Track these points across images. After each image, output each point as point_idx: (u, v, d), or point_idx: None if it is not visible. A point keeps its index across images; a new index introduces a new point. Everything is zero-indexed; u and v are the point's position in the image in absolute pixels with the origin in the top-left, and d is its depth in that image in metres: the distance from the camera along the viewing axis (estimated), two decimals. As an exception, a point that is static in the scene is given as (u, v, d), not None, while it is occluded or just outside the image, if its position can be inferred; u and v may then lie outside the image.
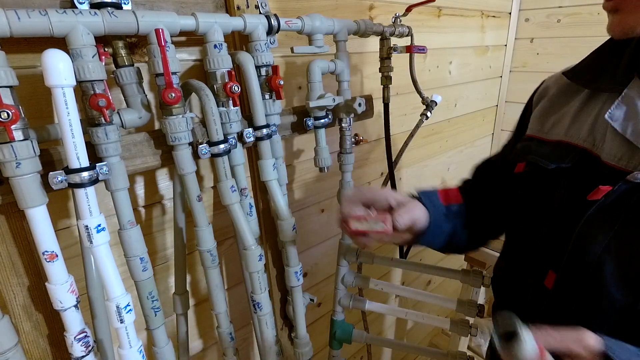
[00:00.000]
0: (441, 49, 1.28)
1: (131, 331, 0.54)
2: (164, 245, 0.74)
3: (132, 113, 0.55)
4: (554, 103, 0.56)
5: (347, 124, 0.80)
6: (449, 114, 1.42)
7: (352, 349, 1.31)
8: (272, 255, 0.87)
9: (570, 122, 0.52)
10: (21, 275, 0.54)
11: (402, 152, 0.98)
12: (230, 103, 0.62)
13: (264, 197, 0.82)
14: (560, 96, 0.56)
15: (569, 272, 0.49)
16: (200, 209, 0.63)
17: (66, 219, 0.61)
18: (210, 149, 0.61)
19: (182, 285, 0.73)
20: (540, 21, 1.52)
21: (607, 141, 0.46)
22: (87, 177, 0.47)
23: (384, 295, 1.39)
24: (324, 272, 1.11)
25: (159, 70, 0.53)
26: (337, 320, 0.93)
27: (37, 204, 0.46)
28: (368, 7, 0.98)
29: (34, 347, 0.57)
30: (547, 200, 0.52)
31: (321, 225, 1.05)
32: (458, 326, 0.84)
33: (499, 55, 1.59)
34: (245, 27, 0.62)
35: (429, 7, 1.16)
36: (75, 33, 0.45)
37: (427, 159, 1.39)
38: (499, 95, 1.68)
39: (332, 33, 0.74)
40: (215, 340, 0.87)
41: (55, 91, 0.43)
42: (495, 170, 0.67)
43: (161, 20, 0.52)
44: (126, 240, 0.55)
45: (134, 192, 0.67)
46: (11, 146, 0.43)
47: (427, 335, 1.82)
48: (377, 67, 0.87)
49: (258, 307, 0.72)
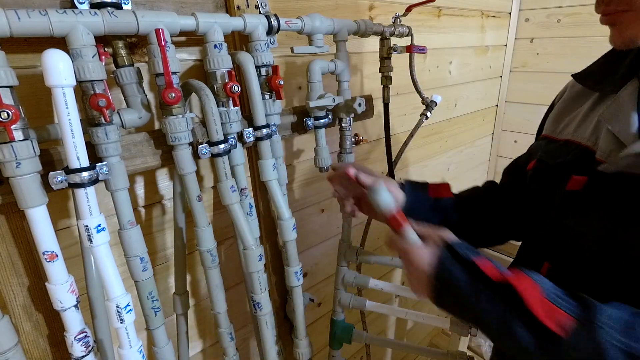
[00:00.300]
0: (441, 49, 1.28)
1: (131, 331, 0.54)
2: (164, 245, 0.74)
3: (132, 113, 0.55)
4: (569, 105, 0.59)
5: (347, 124, 0.80)
6: (449, 114, 1.42)
7: (352, 349, 1.31)
8: (272, 255, 0.87)
9: (579, 122, 0.54)
10: (21, 275, 0.54)
11: (402, 152, 0.98)
12: (230, 103, 0.62)
13: (264, 197, 0.82)
14: (575, 98, 0.58)
15: (559, 261, 0.53)
16: (200, 209, 0.63)
17: (66, 219, 0.61)
18: (210, 149, 0.61)
19: (182, 285, 0.73)
20: (540, 21, 1.52)
21: (601, 138, 0.49)
22: (87, 177, 0.47)
23: (384, 295, 1.39)
24: (324, 272, 1.11)
25: (159, 70, 0.53)
26: (337, 320, 0.93)
27: (37, 204, 0.46)
28: (368, 7, 0.98)
29: (34, 347, 0.57)
30: (549, 195, 0.55)
31: (321, 225, 1.05)
32: (458, 326, 0.84)
33: (499, 55, 1.59)
34: (245, 27, 0.62)
35: (429, 7, 1.16)
36: (75, 33, 0.45)
37: (427, 159, 1.39)
38: (499, 95, 1.68)
39: (332, 33, 0.74)
40: (215, 340, 0.87)
41: (55, 91, 0.43)
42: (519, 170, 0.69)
43: (161, 20, 0.52)
44: (126, 240, 0.55)
45: (134, 192, 0.67)
46: (11, 146, 0.43)
47: (427, 335, 1.82)
48: (377, 67, 0.87)
49: (258, 307, 0.72)
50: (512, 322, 0.42)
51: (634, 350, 0.38)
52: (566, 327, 0.40)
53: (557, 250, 0.53)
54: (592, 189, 0.48)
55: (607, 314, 0.40)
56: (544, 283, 0.44)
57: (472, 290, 0.45)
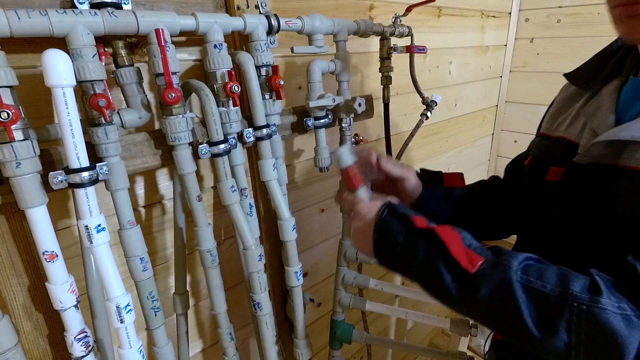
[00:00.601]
0: (441, 49, 1.28)
1: (131, 331, 0.54)
2: (164, 245, 0.74)
3: (132, 113, 0.55)
4: (564, 103, 0.62)
5: (347, 124, 0.80)
6: (449, 114, 1.42)
7: (352, 349, 1.31)
8: (272, 255, 0.87)
9: (572, 120, 0.57)
10: (21, 275, 0.54)
11: (402, 152, 0.98)
12: (230, 103, 0.62)
13: (264, 197, 0.82)
14: (569, 97, 0.61)
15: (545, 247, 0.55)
16: (200, 209, 0.63)
17: (66, 219, 0.61)
18: (210, 149, 0.61)
19: (182, 285, 0.73)
20: (540, 21, 1.52)
21: (583, 134, 0.53)
22: (87, 177, 0.47)
23: (384, 295, 1.39)
24: (324, 272, 1.11)
25: (159, 70, 0.53)
26: (337, 320, 0.93)
27: (37, 204, 0.46)
28: (368, 7, 0.98)
29: (34, 347, 0.57)
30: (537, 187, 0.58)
31: (321, 225, 1.05)
32: (458, 326, 0.84)
33: (499, 55, 1.59)
34: (245, 27, 0.62)
35: (429, 7, 1.16)
36: (75, 33, 0.45)
37: (427, 159, 1.40)
38: (499, 95, 1.68)
39: (332, 33, 0.74)
40: (215, 340, 0.87)
41: (55, 91, 0.43)
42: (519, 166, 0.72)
43: (161, 20, 0.52)
44: (126, 240, 0.55)
45: (134, 192, 0.67)
46: (11, 146, 0.43)
47: (427, 335, 1.82)
48: (377, 67, 0.87)
49: (258, 307, 0.72)
50: (437, 264, 0.47)
51: (533, 284, 0.42)
52: (476, 265, 0.44)
53: (546, 238, 0.56)
54: (569, 179, 0.52)
55: (518, 259, 0.44)
56: (464, 233, 0.49)
57: (406, 240, 0.50)
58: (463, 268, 0.45)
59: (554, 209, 0.54)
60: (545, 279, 0.42)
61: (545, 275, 0.42)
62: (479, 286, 0.44)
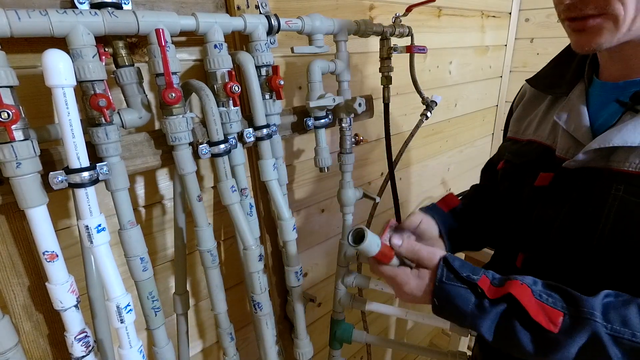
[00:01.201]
0: (441, 49, 1.28)
1: (131, 331, 0.54)
2: (164, 245, 0.74)
3: (133, 113, 0.55)
4: (527, 107, 0.64)
5: (347, 124, 0.80)
6: (449, 114, 1.42)
7: (352, 349, 1.31)
8: (272, 255, 0.87)
9: (538, 123, 0.60)
10: (21, 275, 0.54)
11: (402, 152, 0.98)
12: (231, 103, 0.62)
13: (264, 197, 0.82)
14: (532, 100, 0.64)
15: (532, 250, 0.57)
16: (201, 209, 0.63)
17: (66, 219, 0.61)
18: (210, 149, 0.61)
19: (182, 285, 0.73)
20: (540, 21, 1.52)
21: (559, 137, 0.54)
22: (88, 177, 0.47)
23: (384, 295, 1.39)
24: (324, 272, 1.11)
25: (159, 70, 0.53)
26: (337, 320, 0.93)
27: (37, 204, 0.46)
28: (368, 7, 0.98)
29: (34, 347, 0.57)
30: (518, 192, 0.59)
31: (321, 225, 1.05)
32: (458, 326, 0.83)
33: (499, 55, 1.59)
34: (246, 27, 0.62)
35: (429, 7, 1.16)
36: (75, 33, 0.45)
37: (427, 159, 1.39)
38: (499, 96, 1.68)
39: (332, 33, 0.74)
40: (215, 340, 0.87)
41: (55, 91, 0.43)
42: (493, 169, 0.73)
43: (161, 20, 0.52)
44: (126, 240, 0.55)
45: (134, 192, 0.67)
46: (11, 146, 0.43)
47: (427, 335, 1.82)
48: (377, 67, 0.87)
49: (258, 307, 0.72)
50: (512, 325, 0.45)
51: (621, 335, 0.41)
52: (557, 324, 0.43)
53: (530, 240, 0.57)
54: (558, 184, 0.53)
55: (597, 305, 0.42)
56: (527, 279, 0.47)
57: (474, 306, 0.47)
58: (544, 328, 0.43)
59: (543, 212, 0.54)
60: (631, 325, 0.41)
61: (629, 320, 0.41)
62: (564, 345, 0.42)
